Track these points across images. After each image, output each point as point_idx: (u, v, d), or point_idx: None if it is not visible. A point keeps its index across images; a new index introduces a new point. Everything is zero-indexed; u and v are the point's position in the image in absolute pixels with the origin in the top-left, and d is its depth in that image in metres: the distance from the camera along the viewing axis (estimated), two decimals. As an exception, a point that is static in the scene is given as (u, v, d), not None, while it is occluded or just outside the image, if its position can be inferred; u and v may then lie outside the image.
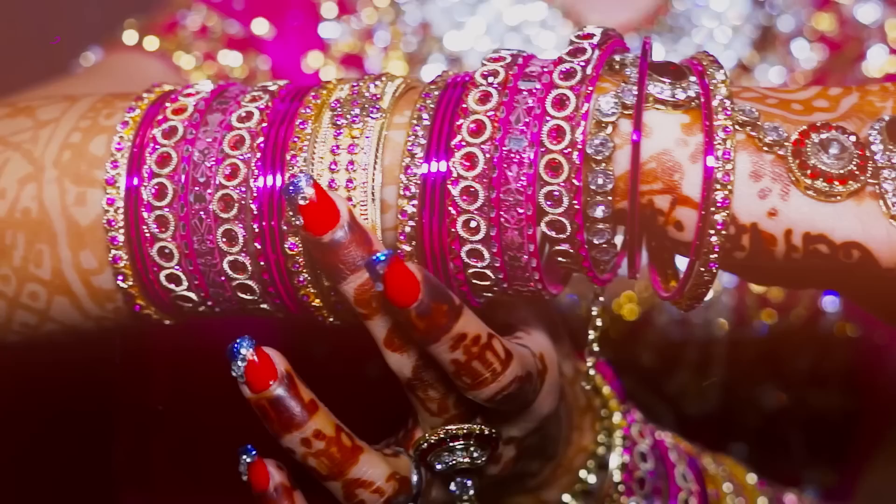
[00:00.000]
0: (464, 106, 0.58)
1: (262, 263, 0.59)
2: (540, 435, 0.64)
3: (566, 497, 0.69)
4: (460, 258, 0.58)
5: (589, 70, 0.57)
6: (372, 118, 0.59)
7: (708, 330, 0.98)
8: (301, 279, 0.59)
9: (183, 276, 0.61)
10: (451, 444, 0.60)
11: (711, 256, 0.56)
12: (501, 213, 0.56)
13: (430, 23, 1.01)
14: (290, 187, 0.55)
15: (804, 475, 1.02)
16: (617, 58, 0.60)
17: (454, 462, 0.60)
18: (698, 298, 0.59)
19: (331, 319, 0.62)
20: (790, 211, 0.56)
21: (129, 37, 0.99)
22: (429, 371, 0.58)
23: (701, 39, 0.99)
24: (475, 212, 0.57)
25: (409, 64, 1.00)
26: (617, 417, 0.70)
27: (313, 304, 0.61)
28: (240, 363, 0.56)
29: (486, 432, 0.60)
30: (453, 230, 0.57)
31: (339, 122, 0.59)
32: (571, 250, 0.58)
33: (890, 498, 0.98)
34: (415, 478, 0.61)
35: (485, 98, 0.57)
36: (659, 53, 0.98)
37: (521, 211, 0.56)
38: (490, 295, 0.60)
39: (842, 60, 1.01)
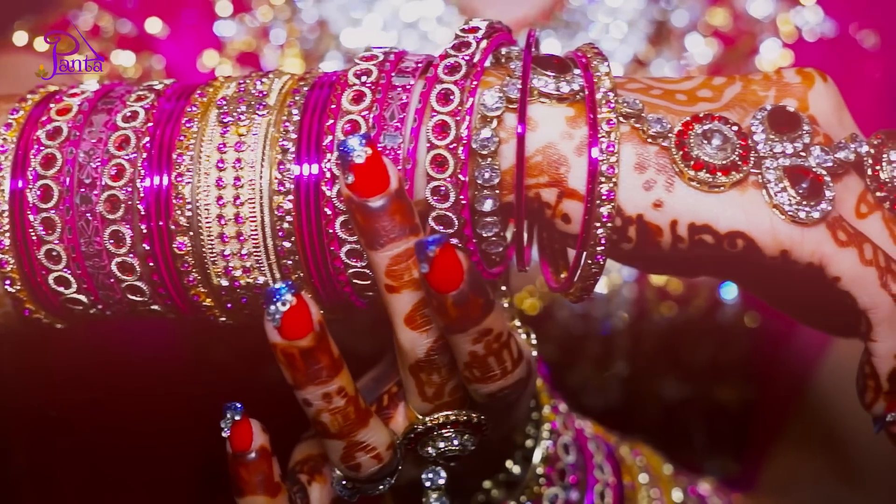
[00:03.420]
0: (333, 106, 0.57)
1: (150, 264, 0.59)
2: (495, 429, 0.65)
3: (487, 484, 0.69)
4: (340, 259, 0.58)
5: (473, 65, 0.58)
6: (259, 115, 0.59)
7: (609, 323, 0.98)
8: (191, 279, 0.59)
9: (72, 279, 0.60)
10: (442, 431, 0.60)
11: (598, 248, 0.57)
12: None
13: (327, 20, 1.01)
14: (345, 146, 0.53)
15: (706, 465, 1.03)
16: (503, 51, 0.61)
17: (446, 448, 0.60)
18: (587, 290, 0.60)
19: (222, 319, 0.62)
20: (675, 202, 0.57)
21: (19, 38, 0.97)
22: (441, 354, 0.57)
23: (596, 35, 1.00)
24: None
25: (305, 61, 1.00)
26: (546, 410, 0.70)
27: (204, 303, 0.60)
28: (280, 307, 0.53)
29: (481, 421, 0.60)
30: (331, 231, 0.57)
31: (225, 120, 0.59)
32: (459, 244, 0.58)
33: (792, 486, 0.99)
34: (397, 453, 0.60)
35: (358, 98, 0.57)
36: (555, 49, 0.99)
37: None
38: (372, 294, 0.60)
39: (736, 55, 1.02)
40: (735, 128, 0.57)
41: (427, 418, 0.60)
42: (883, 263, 0.57)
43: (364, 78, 0.58)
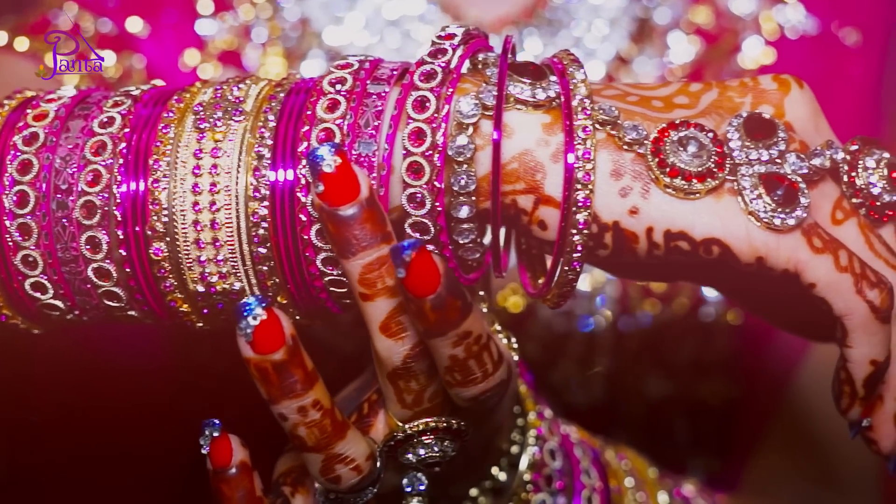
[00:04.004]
0: (309, 113, 0.57)
1: (127, 270, 0.59)
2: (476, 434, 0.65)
3: (474, 492, 0.70)
4: (316, 265, 0.58)
5: (449, 71, 0.58)
6: (235, 121, 0.58)
7: (592, 321, 0.98)
8: (167, 284, 0.59)
9: (48, 285, 0.60)
10: (422, 438, 0.60)
11: (575, 255, 0.57)
12: None
13: (309, 18, 1.01)
14: (315, 155, 0.53)
15: (689, 463, 1.03)
16: (480, 57, 0.60)
17: (427, 455, 0.60)
18: (564, 296, 0.60)
19: (199, 324, 0.61)
20: (651, 209, 0.57)
21: (-1, 38, 0.97)
22: (418, 362, 0.57)
23: (579, 32, 1.00)
24: None
25: (287, 60, 1.00)
26: (532, 416, 0.70)
27: (181, 309, 0.60)
28: (251, 321, 0.54)
29: (461, 427, 0.60)
30: (306, 237, 0.57)
31: (201, 126, 0.58)
32: (436, 251, 0.58)
33: (774, 486, 1.00)
34: (377, 462, 0.60)
35: (333, 106, 0.57)
36: (537, 47, 0.99)
37: None
38: (349, 301, 0.60)
39: (718, 52, 1.02)
40: (711, 135, 0.57)
41: (407, 426, 0.60)
42: (858, 270, 0.57)
43: (339, 86, 0.58)
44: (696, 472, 1.02)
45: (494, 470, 0.69)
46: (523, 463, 0.69)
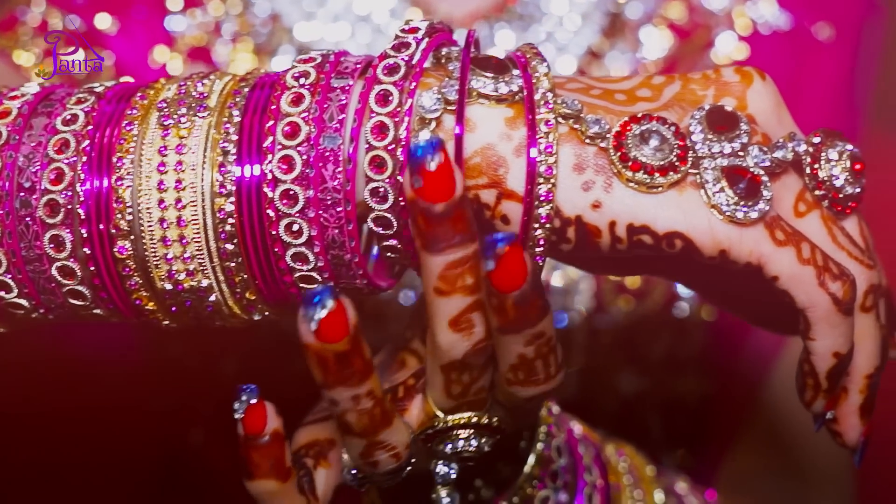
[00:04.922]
0: (273, 108, 0.57)
1: (91, 268, 0.58)
2: None
3: (477, 482, 0.69)
4: (285, 261, 0.57)
5: (412, 66, 0.58)
6: (199, 117, 0.58)
7: (566, 317, 0.98)
8: (133, 283, 0.59)
9: (12, 284, 0.60)
10: (460, 432, 0.60)
11: (537, 250, 0.57)
12: (321, 212, 0.56)
13: (280, 13, 1.00)
14: (419, 149, 0.52)
15: (663, 459, 1.03)
16: (444, 51, 0.60)
17: (462, 449, 0.60)
18: None
19: (166, 322, 0.61)
20: (613, 203, 0.57)
21: (-33, 36, 0.96)
22: (478, 358, 0.57)
23: (550, 27, 1.00)
24: (296, 215, 0.56)
25: (258, 56, 0.99)
26: (542, 412, 0.70)
27: (147, 307, 0.60)
28: (320, 311, 0.52)
29: (500, 425, 0.61)
30: (274, 233, 0.57)
31: (166, 123, 0.58)
32: (399, 245, 0.58)
33: (749, 481, 1.00)
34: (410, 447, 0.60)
35: (297, 100, 0.57)
36: (509, 42, 0.99)
37: (339, 209, 0.56)
38: None
39: (691, 48, 1.02)
40: (673, 128, 0.57)
41: (449, 417, 0.60)
42: (821, 262, 0.57)
43: (302, 80, 0.58)
44: (669, 468, 1.02)
45: (500, 464, 0.69)
46: (530, 458, 0.69)
